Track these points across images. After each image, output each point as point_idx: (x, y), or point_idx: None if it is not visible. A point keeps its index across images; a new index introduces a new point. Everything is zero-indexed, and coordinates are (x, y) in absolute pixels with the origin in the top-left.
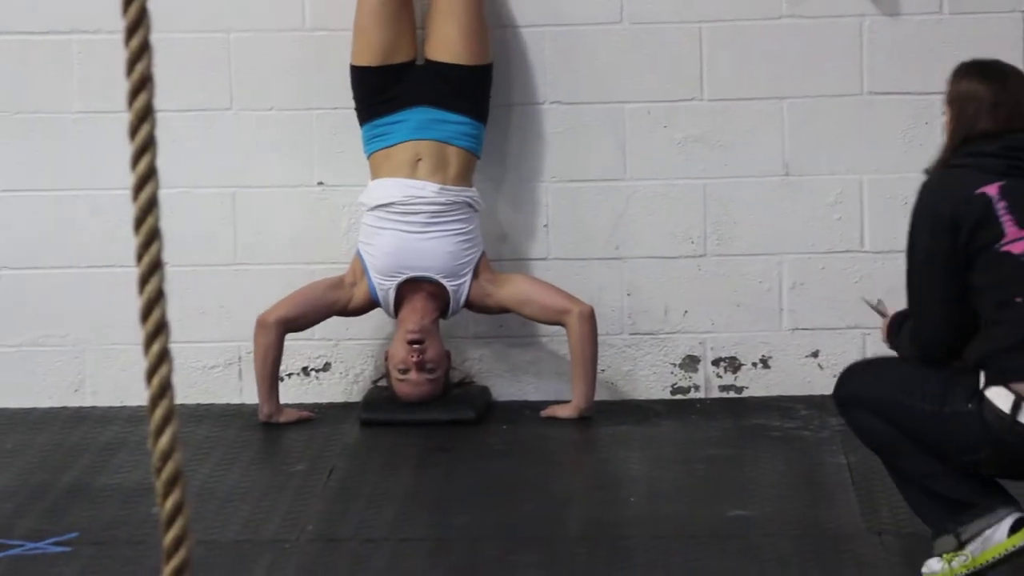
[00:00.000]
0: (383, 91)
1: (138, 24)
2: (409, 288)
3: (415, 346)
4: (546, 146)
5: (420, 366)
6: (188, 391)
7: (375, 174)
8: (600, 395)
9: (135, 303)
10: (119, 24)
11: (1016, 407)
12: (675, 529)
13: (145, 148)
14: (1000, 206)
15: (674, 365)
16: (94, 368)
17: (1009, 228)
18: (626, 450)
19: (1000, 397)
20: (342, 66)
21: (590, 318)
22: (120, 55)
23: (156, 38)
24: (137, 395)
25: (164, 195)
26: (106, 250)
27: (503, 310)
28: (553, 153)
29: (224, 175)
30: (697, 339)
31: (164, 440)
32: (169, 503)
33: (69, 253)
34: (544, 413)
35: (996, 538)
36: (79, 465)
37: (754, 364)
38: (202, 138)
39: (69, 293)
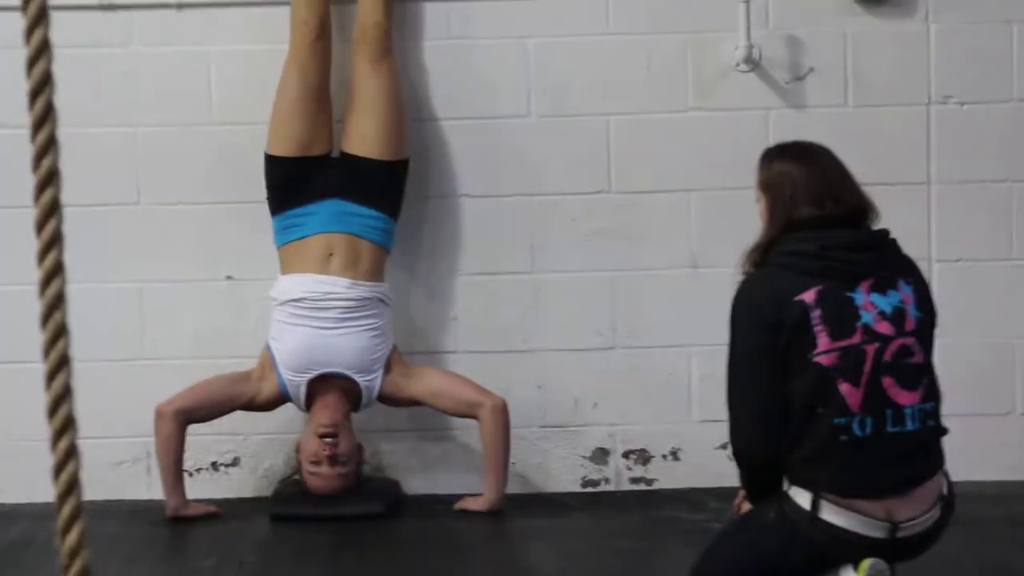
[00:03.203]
0: (297, 182)
1: (44, 119)
2: (320, 383)
3: (327, 440)
4: (458, 239)
5: (332, 459)
6: (96, 487)
7: (286, 267)
8: (511, 488)
9: (42, 399)
10: (25, 119)
11: (815, 504)
12: None
13: (52, 243)
14: (815, 315)
15: (584, 458)
16: (1, 465)
17: (821, 339)
18: (538, 543)
19: (800, 495)
20: (249, 160)
21: (503, 411)
22: (26, 150)
23: (63, 133)
24: (45, 492)
25: (71, 290)
26: (13, 346)
27: (415, 403)
28: (465, 246)
29: (131, 270)
30: (607, 431)
31: (72, 537)
32: None
33: None
34: (456, 506)
35: None
36: None
37: (664, 456)
38: (109, 233)
39: None
